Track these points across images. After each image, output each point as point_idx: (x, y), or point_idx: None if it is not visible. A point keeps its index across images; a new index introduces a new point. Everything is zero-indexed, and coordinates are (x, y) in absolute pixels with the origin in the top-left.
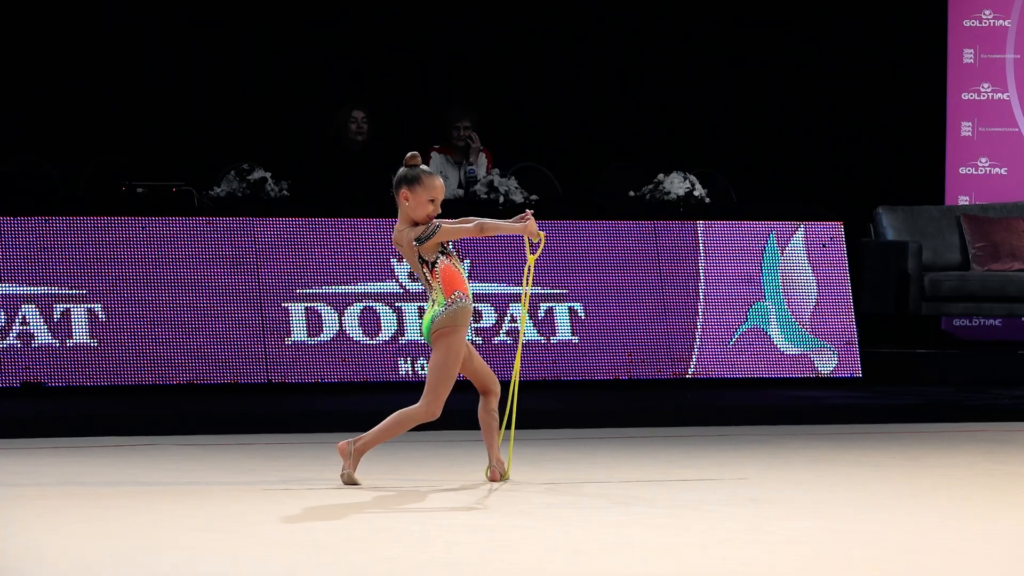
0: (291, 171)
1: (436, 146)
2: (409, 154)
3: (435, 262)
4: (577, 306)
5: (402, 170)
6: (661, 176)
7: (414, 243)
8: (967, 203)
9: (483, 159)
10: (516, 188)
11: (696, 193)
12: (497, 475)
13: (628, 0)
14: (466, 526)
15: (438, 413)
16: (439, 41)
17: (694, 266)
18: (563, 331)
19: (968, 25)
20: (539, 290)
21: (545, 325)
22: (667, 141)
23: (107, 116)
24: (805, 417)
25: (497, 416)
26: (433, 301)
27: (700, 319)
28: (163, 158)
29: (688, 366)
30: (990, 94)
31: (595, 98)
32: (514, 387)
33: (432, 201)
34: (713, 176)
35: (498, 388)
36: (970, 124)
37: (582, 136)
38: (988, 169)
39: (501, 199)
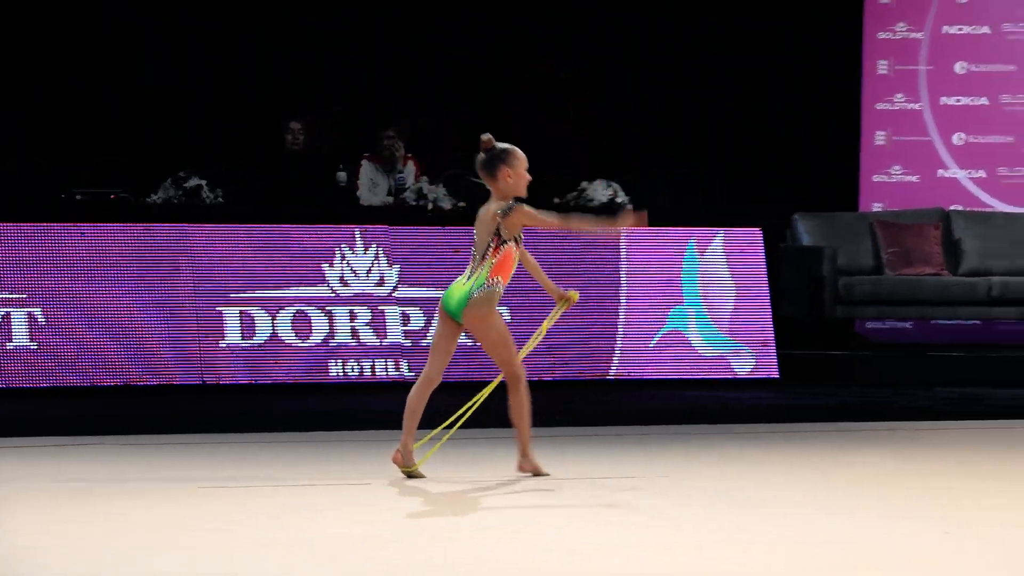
0: (227, 179)
1: (367, 154)
2: (484, 136)
3: (505, 243)
4: (503, 309)
5: (491, 152)
6: (585, 183)
7: (499, 214)
8: (880, 210)
9: (411, 167)
10: (445, 195)
11: (618, 200)
12: (399, 459)
13: (552, 18)
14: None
15: (522, 371)
16: (374, 55)
17: (616, 271)
18: None
19: (883, 37)
20: None
21: None
22: (591, 150)
23: (48, 124)
24: (723, 417)
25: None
26: (470, 276)
27: (621, 322)
28: (102, 166)
29: (610, 368)
30: (903, 104)
31: (523, 108)
32: (481, 396)
33: (528, 170)
34: (635, 184)
35: (439, 381)
36: (884, 133)
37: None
38: (901, 177)
39: (430, 206)
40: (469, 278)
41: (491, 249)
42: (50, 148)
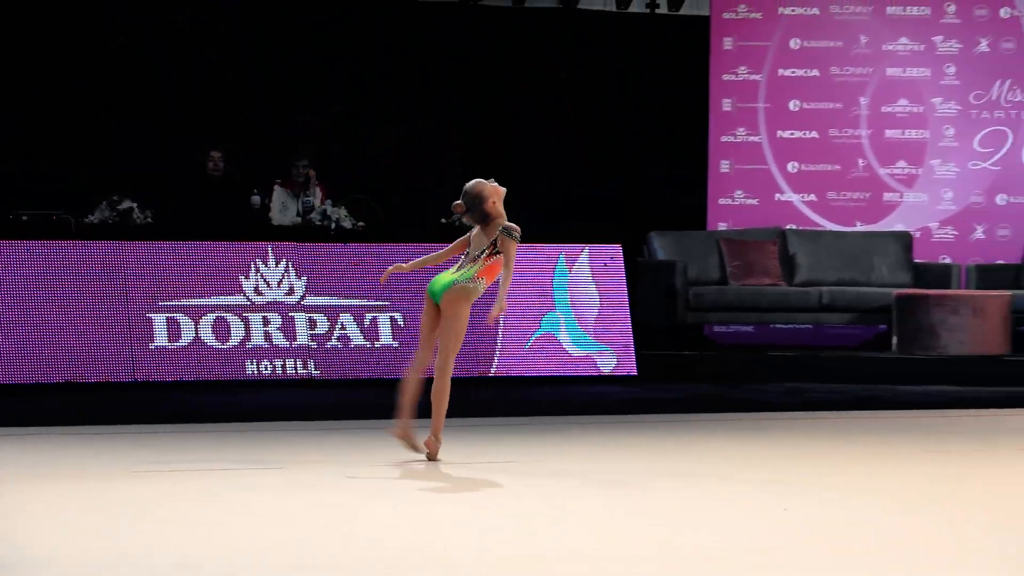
0: (155, 201)
1: (278, 180)
2: (454, 205)
3: (497, 254)
4: (397, 315)
5: (469, 204)
6: None
7: (506, 235)
8: (725, 228)
9: (317, 191)
10: (346, 216)
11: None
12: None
13: (418, 58)
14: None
15: (451, 369)
16: (284, 92)
17: (496, 282)
18: (385, 336)
19: (726, 79)
20: (365, 301)
21: (370, 331)
22: (476, 175)
23: None
24: (590, 409)
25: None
26: (459, 269)
27: (501, 326)
28: (43, 190)
29: (491, 366)
30: (745, 137)
31: (412, 137)
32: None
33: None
34: (513, 205)
35: (430, 362)
36: (728, 162)
37: (403, 170)
38: (743, 200)
39: (333, 226)
40: (458, 271)
41: (485, 255)
42: None
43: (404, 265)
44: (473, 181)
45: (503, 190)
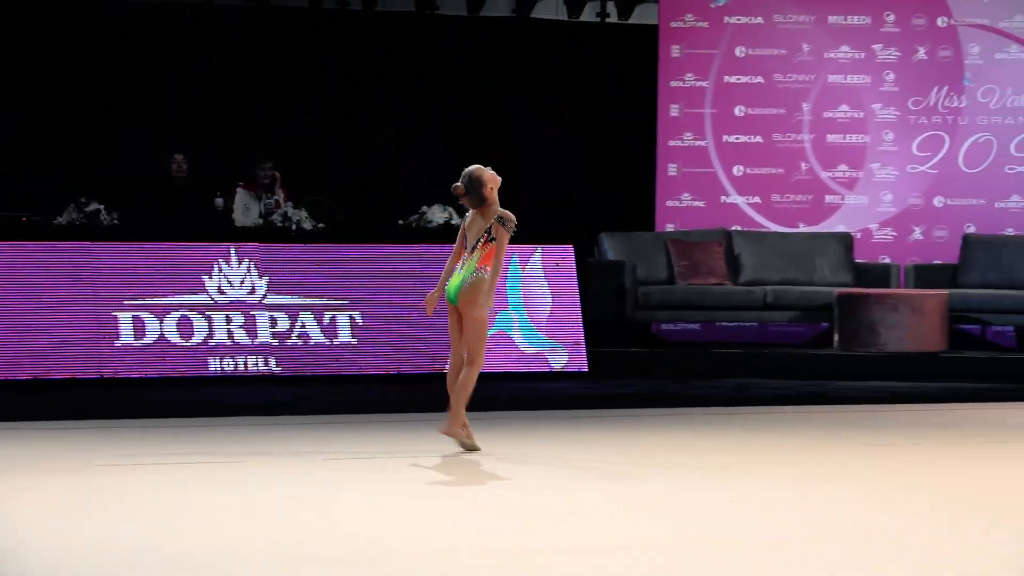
0: (121, 203)
1: (241, 183)
2: (454, 187)
3: (492, 240)
4: (356, 314)
5: (468, 187)
6: (425, 208)
7: (502, 225)
8: (673, 230)
9: (279, 193)
10: (306, 217)
11: (453, 222)
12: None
13: (384, 66)
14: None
15: (481, 363)
16: (245, 98)
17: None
18: (344, 334)
19: (674, 85)
20: (324, 300)
21: (329, 329)
22: (430, 179)
23: None
24: (543, 404)
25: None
26: (463, 268)
27: None
28: (13, 193)
29: (446, 363)
30: (692, 142)
31: (371, 142)
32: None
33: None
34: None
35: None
36: (676, 166)
37: (360, 174)
38: (690, 202)
39: (294, 227)
40: (462, 270)
41: (482, 243)
42: None
43: (436, 292)
44: (474, 166)
45: (500, 179)
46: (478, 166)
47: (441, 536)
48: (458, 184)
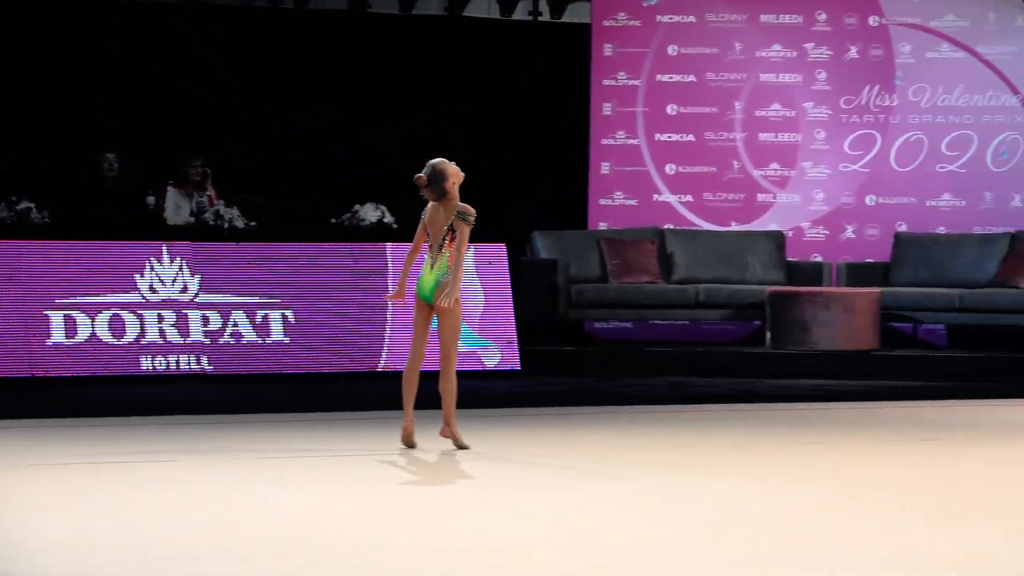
0: (53, 202)
1: (171, 181)
2: (417, 177)
3: (454, 237)
4: (288, 312)
5: (431, 178)
6: (357, 206)
7: (461, 220)
8: (605, 228)
9: (211, 191)
10: (238, 216)
11: (386, 220)
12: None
13: (315, 63)
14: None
15: (455, 361)
16: (176, 97)
17: (384, 280)
18: (276, 333)
19: (607, 84)
20: (257, 299)
21: (261, 328)
22: (362, 177)
23: None
24: (475, 403)
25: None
26: (434, 265)
27: (389, 323)
28: None
29: (379, 360)
30: (624, 140)
31: (303, 140)
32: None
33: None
34: (401, 207)
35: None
36: (608, 164)
37: (293, 173)
38: (622, 201)
39: (226, 225)
40: (433, 267)
41: (447, 242)
42: None
43: (400, 289)
44: (439, 159)
45: (463, 175)
46: (442, 159)
47: (377, 526)
48: (420, 175)
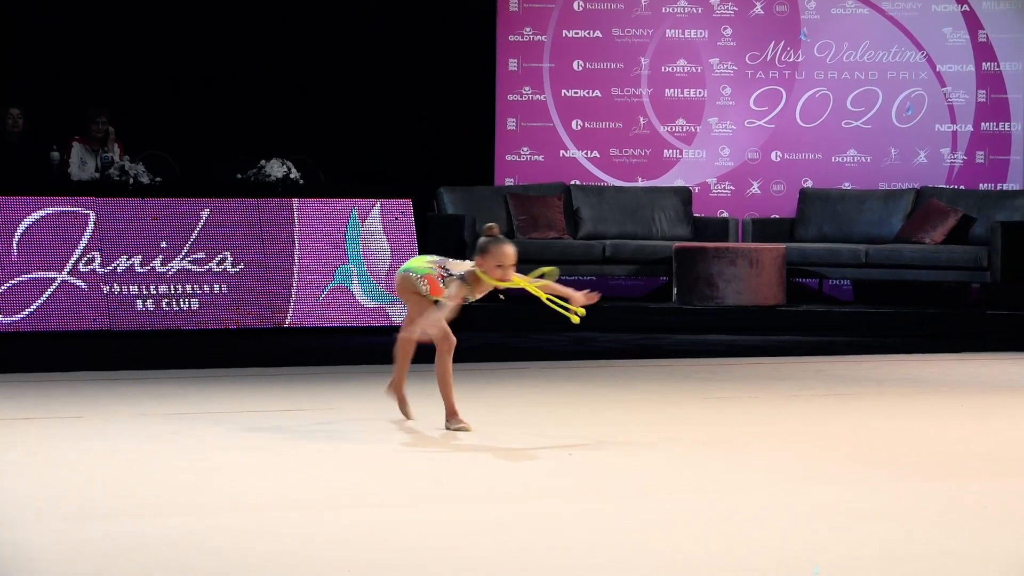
0: None
1: (76, 136)
2: (488, 226)
3: (448, 275)
4: (195, 267)
5: (486, 239)
6: (263, 162)
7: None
8: (512, 184)
9: (115, 147)
10: (144, 172)
11: (292, 176)
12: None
13: (239, 17)
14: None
15: (419, 334)
16: (82, 49)
17: (290, 236)
18: (184, 289)
19: (512, 40)
20: (162, 256)
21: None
22: (267, 132)
23: None
24: (382, 359)
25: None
26: (443, 282)
27: (296, 279)
28: None
29: (286, 317)
30: (531, 96)
31: (208, 96)
32: None
33: (499, 267)
34: (306, 162)
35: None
36: (514, 120)
37: (198, 127)
38: (529, 157)
39: (131, 181)
40: (441, 282)
41: (438, 273)
42: None
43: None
44: (508, 243)
45: (499, 273)
46: (509, 244)
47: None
48: (491, 224)
